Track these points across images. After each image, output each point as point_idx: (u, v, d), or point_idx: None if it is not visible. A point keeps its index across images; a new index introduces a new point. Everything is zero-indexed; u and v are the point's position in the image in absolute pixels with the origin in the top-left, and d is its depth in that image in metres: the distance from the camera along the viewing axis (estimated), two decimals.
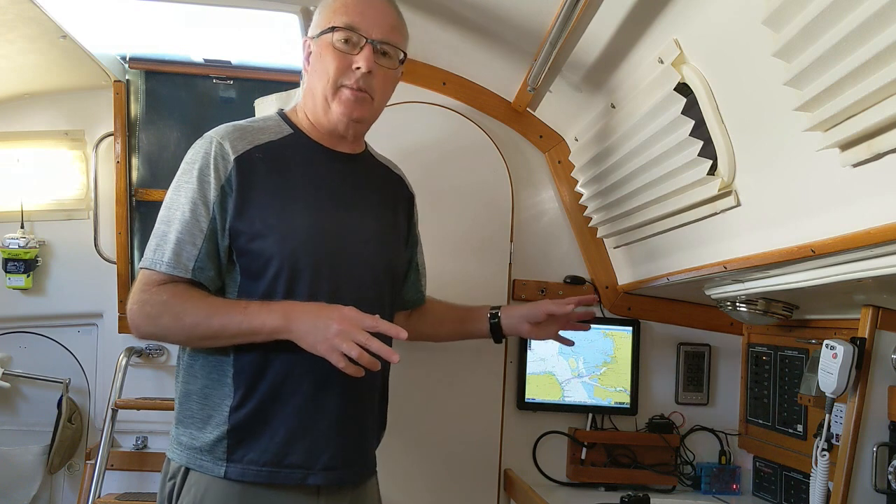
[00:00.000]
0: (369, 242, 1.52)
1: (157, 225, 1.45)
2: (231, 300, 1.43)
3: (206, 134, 1.48)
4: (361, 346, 1.32)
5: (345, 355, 1.32)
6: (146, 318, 1.40)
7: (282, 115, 1.57)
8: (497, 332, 1.81)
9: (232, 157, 1.43)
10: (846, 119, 1.09)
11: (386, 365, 1.59)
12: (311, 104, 1.52)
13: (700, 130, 1.51)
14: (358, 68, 1.45)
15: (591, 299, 1.96)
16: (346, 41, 1.46)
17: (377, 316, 1.36)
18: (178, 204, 1.42)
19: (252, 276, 1.42)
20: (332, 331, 1.32)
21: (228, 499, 1.40)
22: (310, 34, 1.54)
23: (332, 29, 1.46)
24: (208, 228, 1.41)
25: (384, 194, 1.63)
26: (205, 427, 1.42)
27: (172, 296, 1.39)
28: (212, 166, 1.42)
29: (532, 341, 2.30)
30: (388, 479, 1.66)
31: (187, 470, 1.43)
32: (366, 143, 1.66)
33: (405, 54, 1.54)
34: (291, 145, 1.51)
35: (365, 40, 1.46)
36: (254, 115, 2.34)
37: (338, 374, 1.41)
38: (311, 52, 1.52)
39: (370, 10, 1.48)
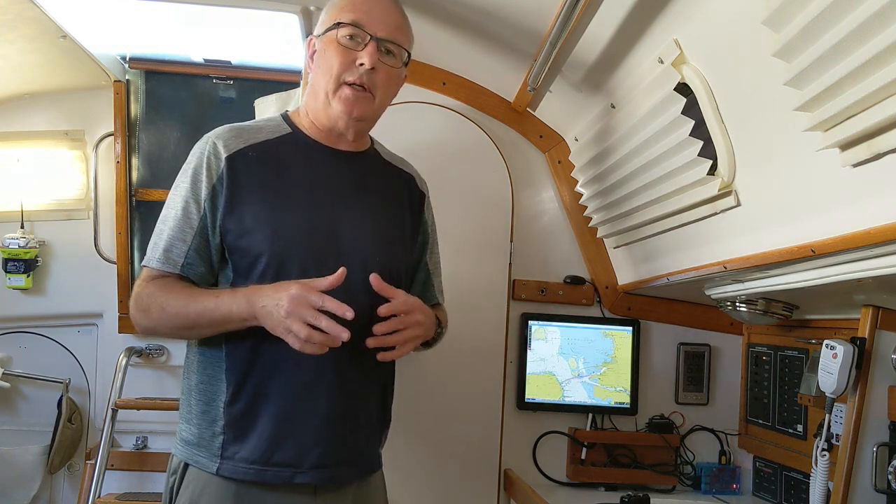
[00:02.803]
0: (365, 241, 1.51)
1: (157, 224, 1.48)
2: (209, 289, 1.44)
3: (204, 135, 1.51)
4: (312, 325, 1.29)
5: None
6: (140, 312, 1.43)
7: (284, 116, 1.58)
8: None
9: (224, 156, 1.45)
10: (846, 119, 1.09)
11: (390, 362, 1.59)
12: (313, 102, 1.53)
13: (700, 130, 1.51)
14: (361, 64, 1.45)
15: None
16: (351, 37, 1.47)
17: (325, 295, 1.32)
18: (173, 203, 1.46)
19: (242, 274, 1.43)
20: (282, 312, 1.30)
21: (223, 496, 1.40)
22: (315, 32, 1.55)
23: (338, 25, 1.47)
24: (199, 225, 1.43)
25: (387, 193, 1.62)
26: (202, 423, 1.44)
27: (158, 288, 1.42)
28: (204, 165, 1.45)
29: (532, 341, 2.30)
30: (387, 478, 1.66)
31: (186, 466, 1.44)
32: (373, 140, 1.66)
33: (409, 54, 1.55)
34: (288, 143, 1.52)
35: (369, 37, 1.46)
36: (254, 115, 2.38)
37: (329, 371, 1.43)
38: (315, 50, 1.53)
39: (376, 8, 1.49)
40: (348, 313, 1.30)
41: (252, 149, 1.48)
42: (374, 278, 1.41)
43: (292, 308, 1.30)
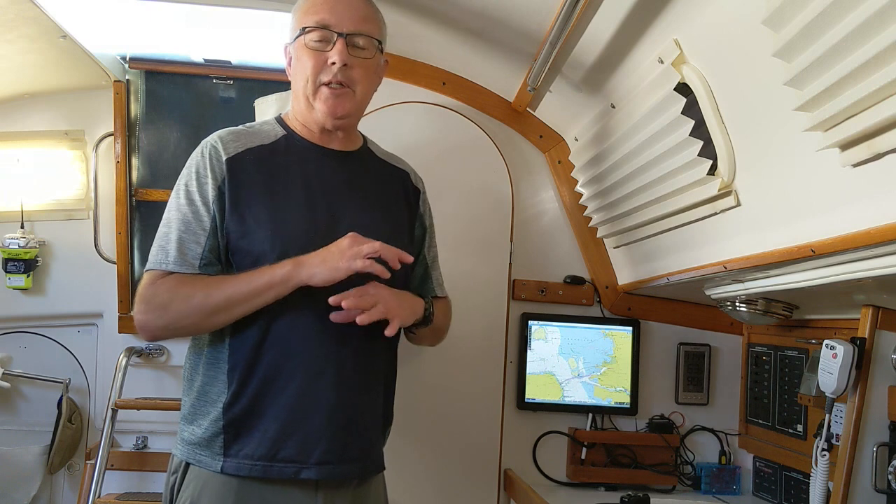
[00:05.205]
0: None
1: (159, 229, 1.48)
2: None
3: (203, 140, 1.53)
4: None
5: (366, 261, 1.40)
6: (156, 311, 1.42)
7: (278, 119, 1.61)
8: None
9: (224, 158, 1.47)
10: (846, 119, 1.09)
11: (390, 358, 1.61)
12: (298, 106, 1.56)
13: (700, 130, 1.51)
14: (333, 63, 1.47)
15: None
16: (320, 39, 1.48)
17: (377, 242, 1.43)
18: (178, 206, 1.46)
19: None
20: (344, 246, 1.40)
21: (225, 493, 1.42)
22: (286, 41, 1.57)
23: (304, 30, 1.49)
24: (210, 227, 1.44)
25: (382, 190, 1.63)
26: (203, 423, 1.45)
27: (179, 283, 1.42)
28: (208, 167, 1.46)
29: (532, 341, 2.30)
30: (387, 478, 1.66)
31: (187, 465, 1.46)
32: (366, 138, 1.67)
33: (380, 42, 1.56)
34: (283, 146, 1.54)
35: (336, 35, 1.48)
36: (254, 115, 2.38)
37: (331, 367, 1.44)
38: (290, 58, 1.56)
39: (338, 5, 1.50)
40: (407, 258, 1.47)
41: (249, 152, 1.50)
42: (334, 299, 1.43)
43: (353, 241, 1.41)
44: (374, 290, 1.46)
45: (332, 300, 1.41)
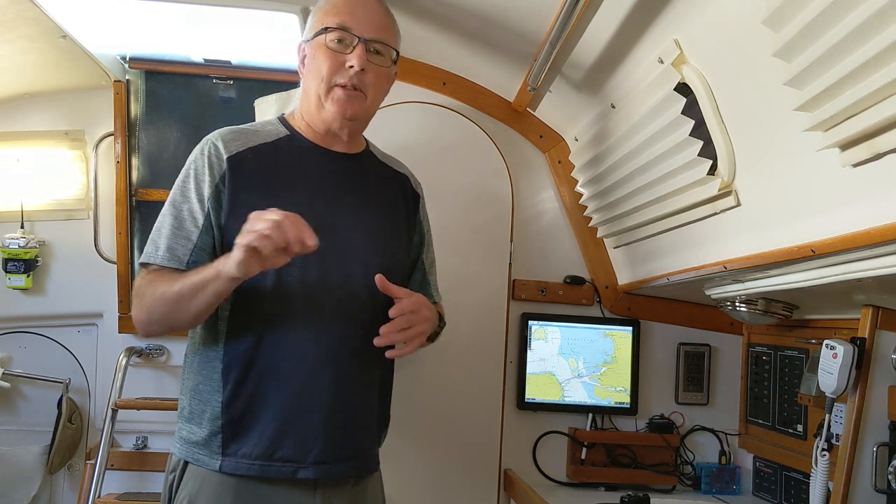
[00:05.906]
0: (364, 240, 1.52)
1: (155, 223, 1.49)
2: None
3: (204, 137, 1.53)
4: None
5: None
6: (141, 308, 1.43)
7: (281, 118, 1.61)
8: None
9: (225, 157, 1.47)
10: (846, 119, 1.09)
11: (388, 361, 1.60)
12: (307, 105, 1.55)
13: (700, 130, 1.51)
14: (351, 66, 1.47)
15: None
16: (339, 41, 1.49)
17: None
18: (173, 202, 1.47)
19: None
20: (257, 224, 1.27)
21: (223, 492, 1.42)
22: (304, 38, 1.58)
23: (325, 30, 1.50)
24: (203, 224, 1.45)
25: (383, 193, 1.63)
26: (201, 422, 1.45)
27: (158, 276, 1.43)
28: (206, 165, 1.47)
29: (532, 341, 2.31)
30: (387, 478, 1.66)
31: (186, 464, 1.46)
32: (368, 141, 1.67)
33: (397, 53, 1.57)
34: (286, 146, 1.54)
35: (357, 39, 1.48)
36: (254, 115, 2.38)
37: (328, 367, 1.44)
38: (305, 56, 1.56)
39: (361, 10, 1.51)
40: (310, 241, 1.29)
41: (251, 151, 1.50)
42: (379, 279, 1.43)
43: (250, 220, 1.28)
44: (417, 318, 1.44)
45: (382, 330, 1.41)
